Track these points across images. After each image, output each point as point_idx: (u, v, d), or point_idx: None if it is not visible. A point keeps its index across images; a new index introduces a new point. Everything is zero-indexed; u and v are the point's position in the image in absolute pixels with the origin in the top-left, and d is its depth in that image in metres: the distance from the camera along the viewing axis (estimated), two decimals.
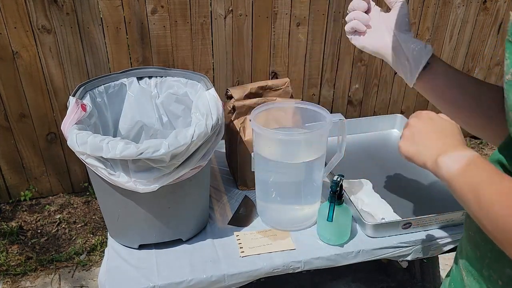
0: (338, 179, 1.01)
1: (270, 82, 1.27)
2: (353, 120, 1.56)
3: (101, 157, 0.87)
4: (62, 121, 0.94)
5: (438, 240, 1.08)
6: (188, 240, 1.07)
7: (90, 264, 1.99)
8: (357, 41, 0.85)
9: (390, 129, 1.57)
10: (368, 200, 1.14)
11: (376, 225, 1.05)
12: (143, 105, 1.19)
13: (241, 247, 1.04)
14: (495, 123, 0.71)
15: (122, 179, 0.88)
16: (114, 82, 1.15)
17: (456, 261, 0.71)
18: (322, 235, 1.06)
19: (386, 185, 1.26)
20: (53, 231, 2.15)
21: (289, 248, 1.04)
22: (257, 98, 1.23)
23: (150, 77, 1.18)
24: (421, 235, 1.08)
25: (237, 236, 1.08)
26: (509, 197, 0.51)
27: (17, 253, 2.01)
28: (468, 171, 0.58)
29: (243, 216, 1.15)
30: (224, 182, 1.30)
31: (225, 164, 1.38)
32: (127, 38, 2.12)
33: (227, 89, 1.27)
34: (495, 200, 0.52)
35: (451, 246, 1.09)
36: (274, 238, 1.07)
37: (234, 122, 1.21)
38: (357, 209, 1.09)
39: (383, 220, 1.07)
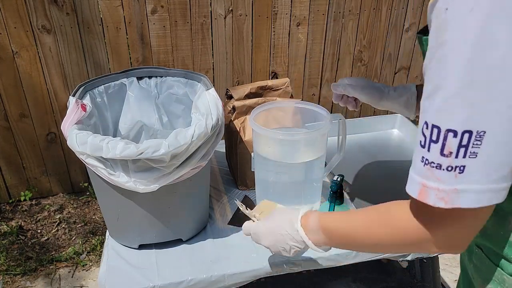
0: (338, 179, 1.01)
1: (270, 82, 1.27)
2: (353, 120, 1.56)
3: (101, 157, 0.87)
4: (62, 121, 0.94)
5: None
6: (188, 240, 1.07)
7: (90, 264, 1.99)
8: None
9: (390, 129, 1.57)
10: None
11: None
12: (143, 105, 1.19)
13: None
14: None
15: (122, 179, 0.88)
16: (114, 82, 1.15)
17: None
18: None
19: (386, 185, 1.26)
20: (53, 231, 2.15)
21: None
22: (257, 98, 1.23)
23: (150, 77, 1.18)
24: None
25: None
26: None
27: (17, 253, 2.01)
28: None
29: (243, 216, 1.15)
30: (224, 182, 1.30)
31: (225, 164, 1.38)
32: (127, 38, 2.12)
33: (227, 89, 1.27)
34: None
35: None
36: None
37: (234, 122, 1.21)
38: None
39: None
